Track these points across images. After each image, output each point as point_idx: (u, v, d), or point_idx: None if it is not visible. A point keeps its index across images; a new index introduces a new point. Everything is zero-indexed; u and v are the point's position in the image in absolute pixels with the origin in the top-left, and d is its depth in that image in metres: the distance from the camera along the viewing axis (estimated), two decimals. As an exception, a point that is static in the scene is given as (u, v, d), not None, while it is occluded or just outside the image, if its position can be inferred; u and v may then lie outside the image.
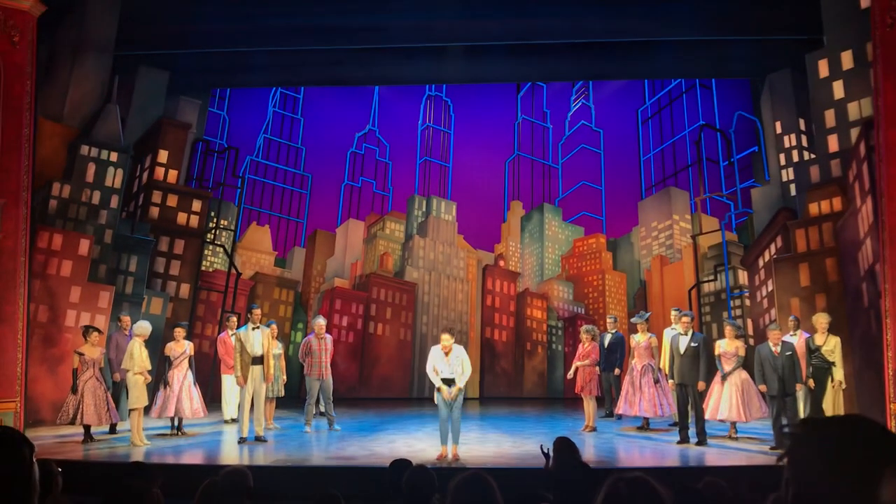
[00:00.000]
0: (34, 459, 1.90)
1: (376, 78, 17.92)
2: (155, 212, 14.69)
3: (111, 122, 13.80)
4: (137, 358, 9.63)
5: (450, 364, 8.38)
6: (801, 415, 9.29)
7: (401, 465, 4.72)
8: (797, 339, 9.63)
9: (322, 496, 4.14)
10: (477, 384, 18.39)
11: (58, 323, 11.96)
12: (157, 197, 14.78)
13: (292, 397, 13.39)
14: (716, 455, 8.66)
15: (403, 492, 3.91)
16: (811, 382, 9.46)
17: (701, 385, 9.34)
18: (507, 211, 20.70)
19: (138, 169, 14.82)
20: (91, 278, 12.57)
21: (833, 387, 9.50)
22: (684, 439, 9.39)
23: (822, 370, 9.52)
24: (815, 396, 9.50)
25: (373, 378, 18.20)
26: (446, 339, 8.41)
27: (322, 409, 11.23)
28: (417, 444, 9.62)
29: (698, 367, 9.36)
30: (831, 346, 9.52)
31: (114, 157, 13.51)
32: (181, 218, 15.02)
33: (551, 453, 5.33)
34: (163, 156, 14.97)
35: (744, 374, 9.81)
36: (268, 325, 10.94)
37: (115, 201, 13.43)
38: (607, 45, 14.99)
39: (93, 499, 4.15)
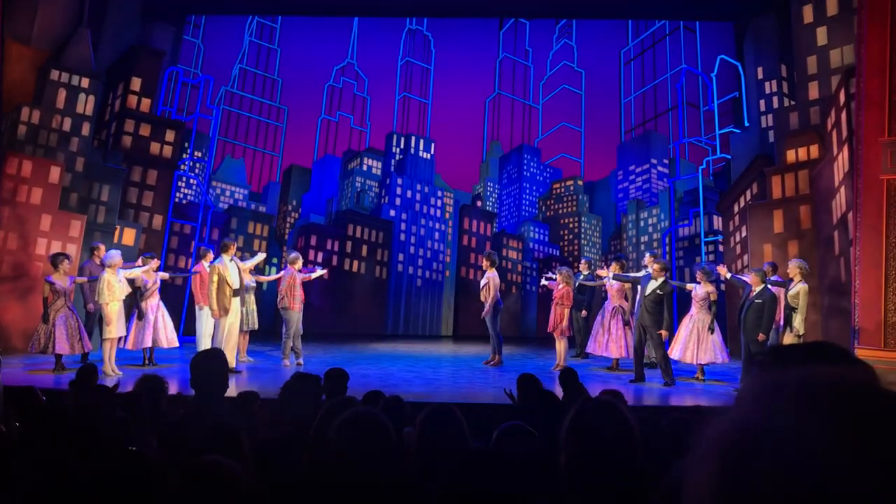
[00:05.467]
0: None
1: (355, 8, 17.51)
2: (127, 141, 14.41)
3: (82, 46, 13.40)
4: (106, 290, 9.54)
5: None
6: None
7: (374, 396, 4.75)
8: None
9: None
10: (451, 323, 18.53)
11: (28, 251, 11.81)
12: (129, 126, 14.48)
13: (265, 331, 13.41)
14: (681, 395, 8.83)
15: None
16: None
17: (664, 333, 9.39)
18: (485, 151, 20.57)
19: (110, 96, 14.48)
20: (62, 207, 12.38)
21: (791, 333, 9.47)
22: (639, 377, 9.54)
23: (787, 316, 9.59)
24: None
25: (347, 315, 18.26)
26: (486, 264, 11.53)
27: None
28: (391, 378, 9.71)
29: (658, 313, 9.43)
30: (795, 292, 9.51)
31: (85, 82, 13.18)
32: (154, 148, 14.76)
33: (515, 393, 5.43)
34: (136, 83, 14.63)
35: (707, 319, 9.88)
36: (254, 256, 10.95)
37: (86, 128, 13.15)
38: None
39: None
